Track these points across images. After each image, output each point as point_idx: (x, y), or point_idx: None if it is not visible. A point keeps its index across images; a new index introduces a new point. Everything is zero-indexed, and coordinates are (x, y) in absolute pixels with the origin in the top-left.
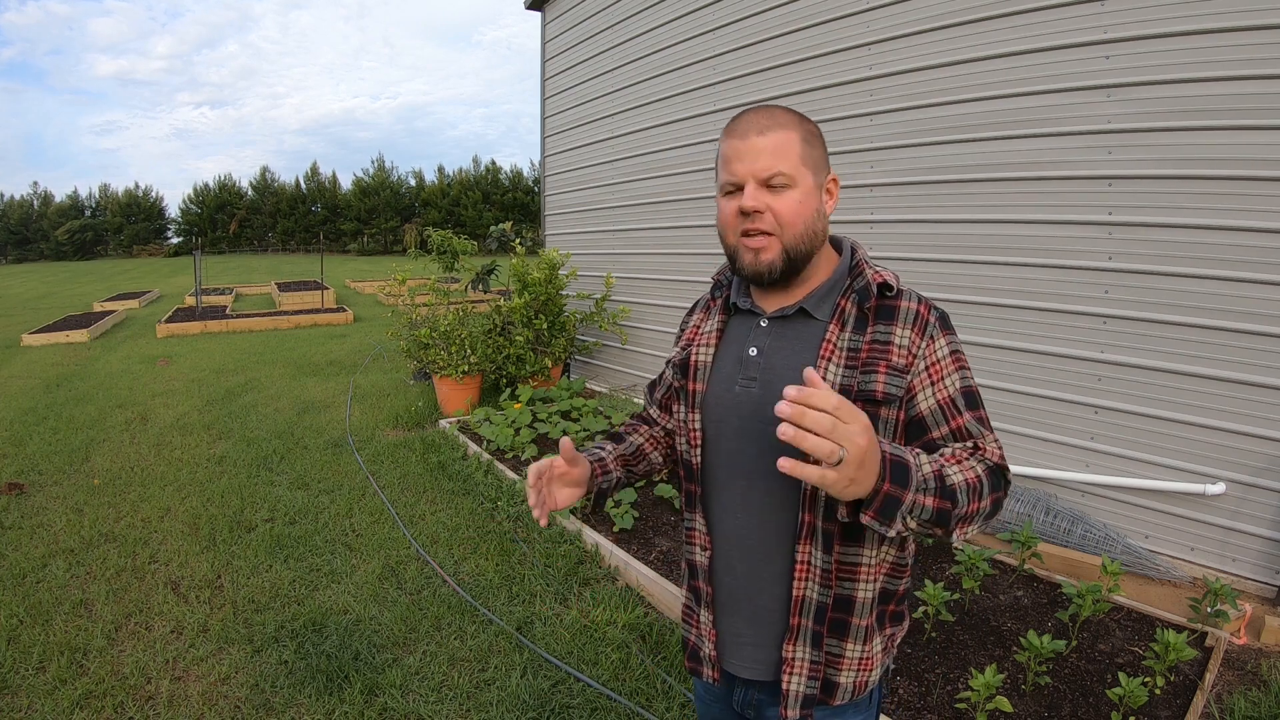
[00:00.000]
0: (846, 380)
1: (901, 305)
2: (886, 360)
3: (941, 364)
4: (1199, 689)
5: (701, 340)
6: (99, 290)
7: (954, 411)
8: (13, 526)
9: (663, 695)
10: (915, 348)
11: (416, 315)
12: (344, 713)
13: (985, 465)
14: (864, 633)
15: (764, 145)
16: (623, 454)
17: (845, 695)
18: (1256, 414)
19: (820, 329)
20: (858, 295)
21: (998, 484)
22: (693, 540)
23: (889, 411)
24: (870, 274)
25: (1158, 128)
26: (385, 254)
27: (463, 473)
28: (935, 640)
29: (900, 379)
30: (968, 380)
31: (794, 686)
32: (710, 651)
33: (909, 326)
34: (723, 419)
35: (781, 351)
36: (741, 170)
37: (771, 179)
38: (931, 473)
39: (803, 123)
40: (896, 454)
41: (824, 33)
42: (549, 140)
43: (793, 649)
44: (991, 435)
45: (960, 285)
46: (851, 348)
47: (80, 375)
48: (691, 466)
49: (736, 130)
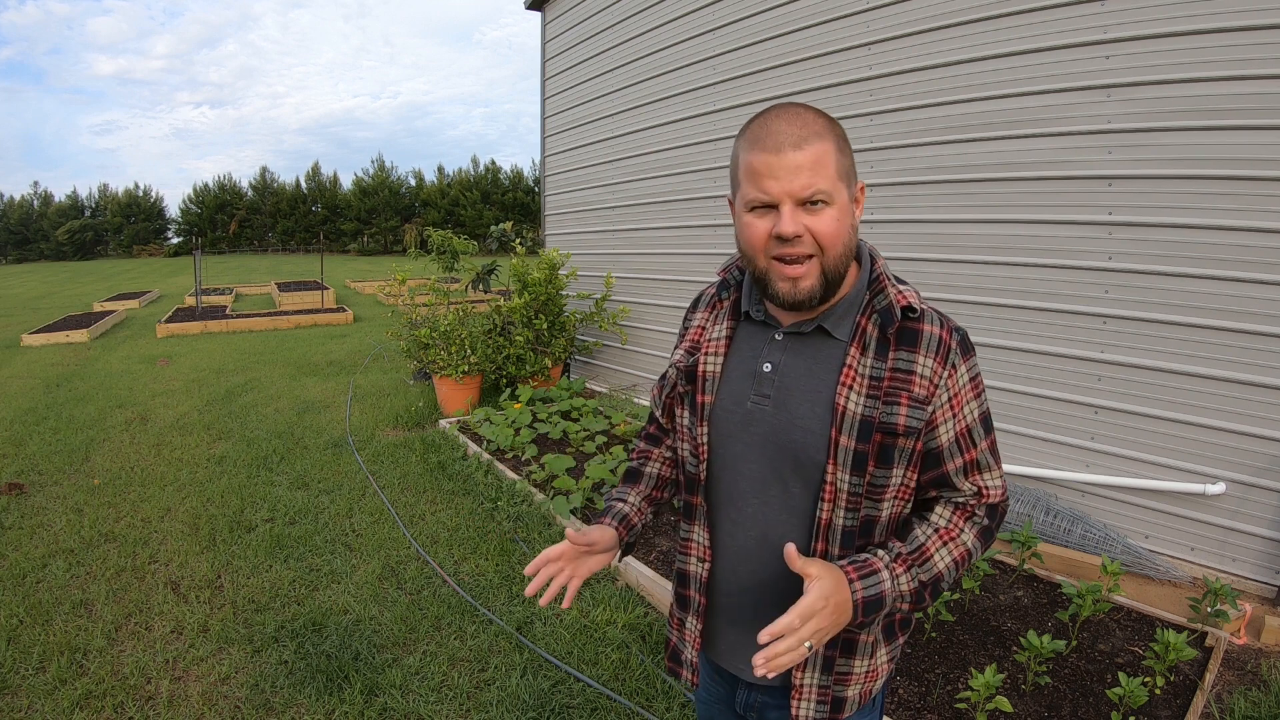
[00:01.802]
0: (868, 411)
1: (925, 330)
2: (909, 392)
3: (962, 394)
4: (1199, 689)
5: (709, 347)
6: (99, 290)
7: (969, 443)
8: (13, 526)
9: (663, 695)
10: (937, 378)
11: (416, 315)
12: (344, 713)
13: (979, 527)
14: (870, 648)
15: (802, 161)
16: (646, 495)
17: (852, 708)
18: (1256, 414)
19: (839, 350)
20: (879, 316)
21: (989, 536)
22: (688, 551)
23: (908, 442)
24: (894, 294)
25: (1158, 128)
26: (385, 254)
27: (463, 473)
28: (935, 640)
29: (922, 410)
30: (984, 406)
31: (803, 712)
32: (691, 656)
33: (932, 354)
34: (733, 435)
35: (797, 370)
36: (777, 190)
37: (811, 198)
38: (909, 590)
39: (833, 126)
40: (870, 595)
41: (824, 33)
42: (549, 140)
43: (802, 675)
44: (998, 468)
45: (960, 285)
46: (874, 376)
47: (80, 375)
48: (696, 479)
49: (767, 142)
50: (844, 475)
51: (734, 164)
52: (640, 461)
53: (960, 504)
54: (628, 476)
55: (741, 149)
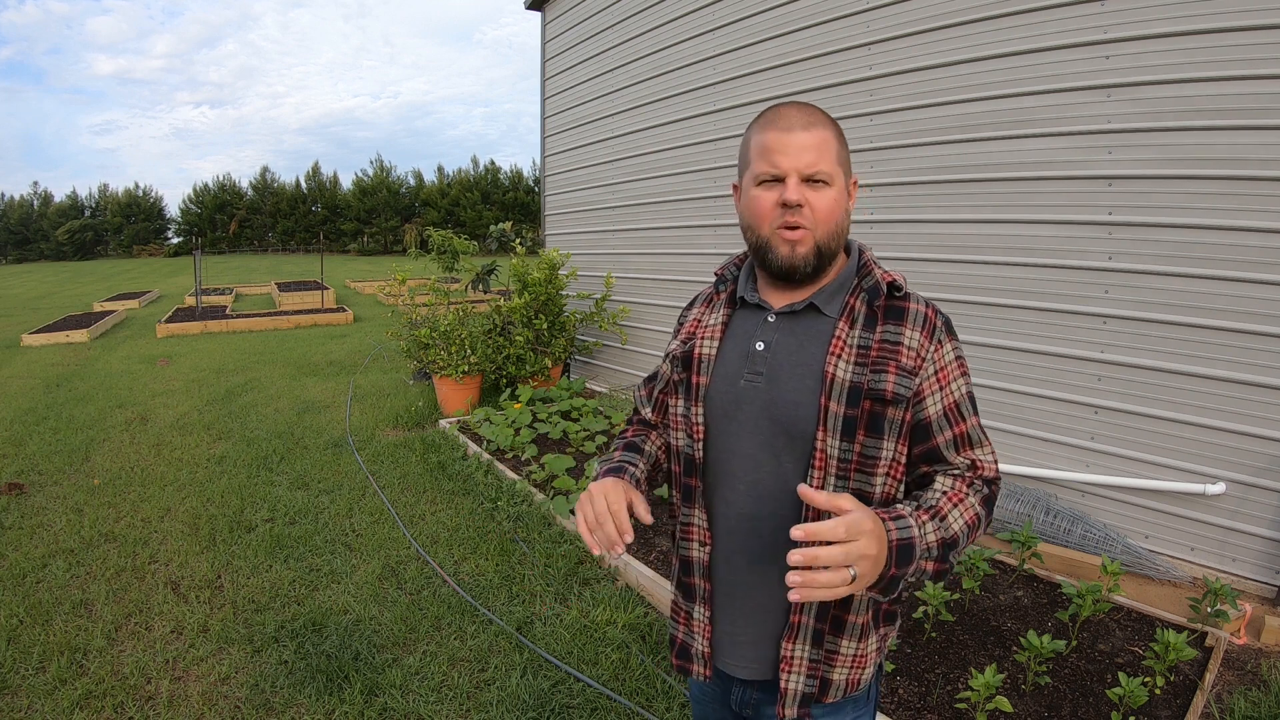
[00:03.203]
0: (857, 377)
1: (910, 307)
2: (896, 361)
3: (949, 369)
4: (1199, 689)
5: (705, 333)
6: (99, 290)
7: (958, 417)
8: (13, 526)
9: (663, 695)
10: (924, 350)
11: (416, 315)
12: (344, 713)
13: (981, 495)
14: (859, 630)
15: (809, 141)
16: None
17: (838, 692)
18: (1256, 414)
19: (829, 325)
20: (867, 294)
21: (990, 506)
22: (690, 536)
23: (896, 412)
24: (879, 274)
25: (1158, 128)
26: (385, 254)
27: (463, 473)
28: (935, 640)
29: (909, 380)
30: (970, 387)
31: (792, 685)
32: (703, 648)
33: (918, 329)
34: (727, 413)
35: (789, 347)
36: (785, 163)
37: (814, 175)
38: (935, 541)
39: (834, 123)
40: (904, 537)
41: (824, 33)
42: (549, 140)
43: (792, 646)
44: (988, 444)
45: (960, 285)
46: (861, 345)
47: (80, 375)
48: (692, 461)
49: (778, 123)
50: (834, 441)
51: (744, 147)
52: (638, 438)
53: (958, 474)
54: (630, 447)
55: (754, 131)
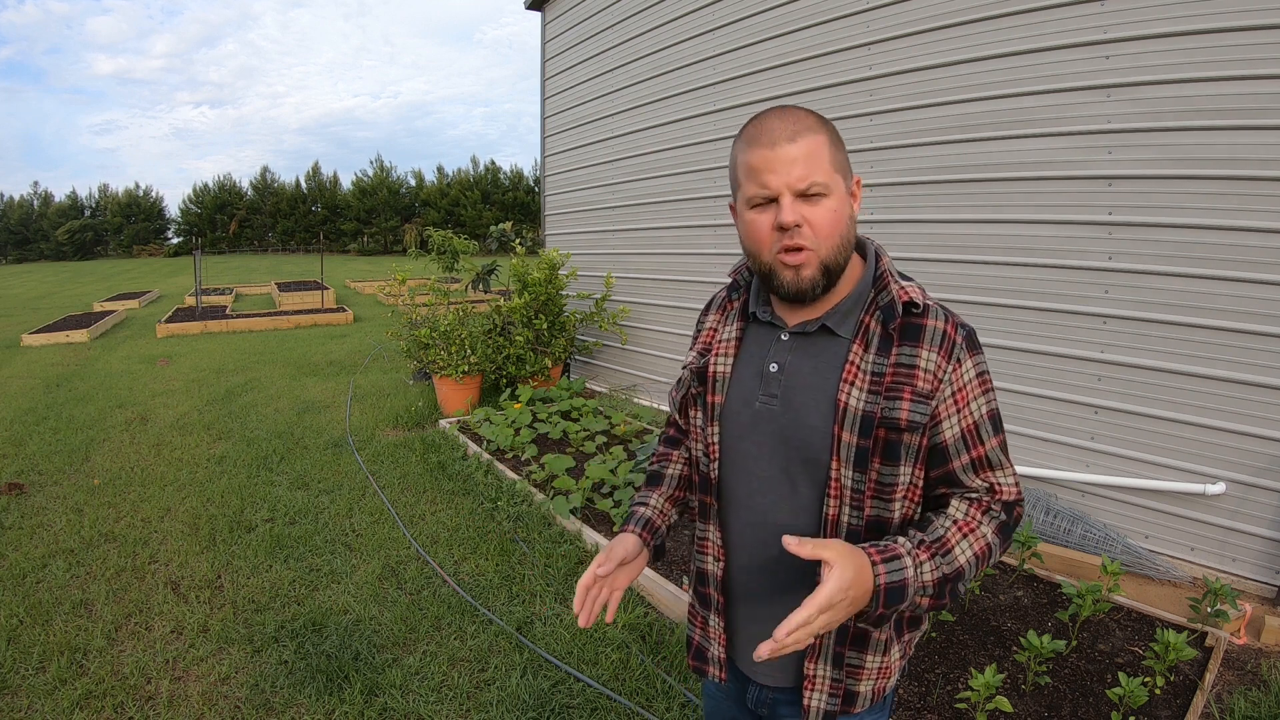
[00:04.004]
0: (870, 406)
1: (928, 324)
2: (911, 386)
3: (968, 389)
4: (1199, 689)
5: (720, 349)
6: (99, 290)
7: (976, 440)
8: (13, 526)
9: (663, 695)
10: (941, 372)
11: (416, 315)
12: (344, 713)
13: (996, 521)
14: (883, 645)
15: (796, 153)
16: (669, 496)
17: (865, 703)
18: (1256, 414)
19: (843, 347)
20: (882, 313)
21: (1008, 533)
22: (705, 550)
23: (912, 438)
24: (896, 290)
25: (1158, 128)
26: (385, 254)
27: (463, 473)
28: (935, 640)
29: (925, 405)
30: (992, 404)
31: (815, 703)
32: (719, 653)
33: (935, 349)
34: (743, 434)
35: (803, 369)
36: (775, 182)
37: (808, 190)
38: (932, 580)
39: (825, 123)
40: (894, 580)
41: (824, 33)
42: (549, 140)
43: (814, 667)
44: (1010, 466)
45: (960, 285)
46: (875, 371)
47: (80, 375)
48: (708, 479)
49: (761, 138)
50: (848, 472)
51: (733, 167)
52: (661, 465)
53: (974, 499)
54: (650, 480)
55: (739, 151)
